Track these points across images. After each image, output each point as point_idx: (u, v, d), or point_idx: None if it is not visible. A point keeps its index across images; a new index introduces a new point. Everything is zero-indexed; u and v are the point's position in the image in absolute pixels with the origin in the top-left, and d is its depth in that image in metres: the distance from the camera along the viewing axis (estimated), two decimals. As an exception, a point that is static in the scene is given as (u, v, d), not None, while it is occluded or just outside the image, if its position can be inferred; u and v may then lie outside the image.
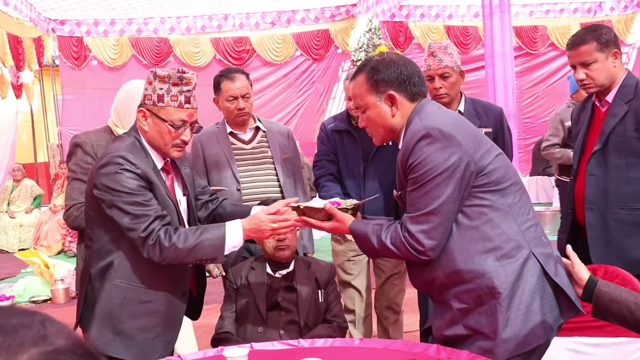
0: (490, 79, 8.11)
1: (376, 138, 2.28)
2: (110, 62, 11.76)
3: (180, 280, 2.47)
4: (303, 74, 12.70)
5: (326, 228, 2.28)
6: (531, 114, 13.41)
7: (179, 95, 2.30)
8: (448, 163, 2.00)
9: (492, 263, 2.04)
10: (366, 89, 2.18)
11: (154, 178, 2.32)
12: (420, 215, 2.02)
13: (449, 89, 3.38)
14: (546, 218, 8.38)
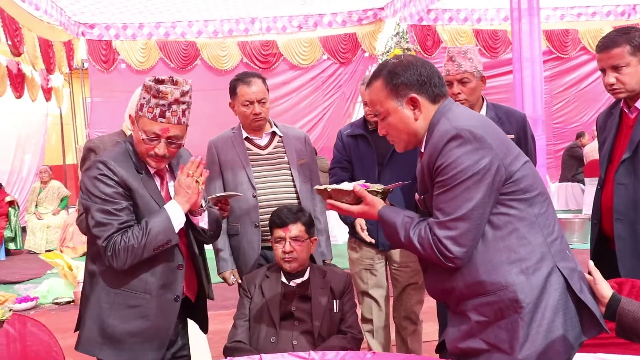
0: (518, 84, 7.95)
1: (399, 145, 2.18)
2: (138, 66, 11.85)
3: (170, 285, 2.44)
4: (330, 77, 12.66)
5: (354, 212, 2.16)
6: (561, 119, 13.19)
7: (154, 108, 2.28)
8: (479, 166, 1.91)
9: (517, 276, 1.95)
10: (385, 94, 2.09)
11: (134, 184, 2.35)
12: (448, 220, 1.93)
13: (468, 94, 3.29)
14: (575, 226, 8.20)
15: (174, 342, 2.59)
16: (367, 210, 2.13)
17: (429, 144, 2.03)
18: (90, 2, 10.05)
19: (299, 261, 2.90)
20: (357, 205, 2.14)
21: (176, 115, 2.30)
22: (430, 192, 2.03)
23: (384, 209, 2.11)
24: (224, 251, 3.40)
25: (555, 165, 12.56)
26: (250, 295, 2.93)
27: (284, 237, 2.89)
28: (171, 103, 2.27)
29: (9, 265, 9.27)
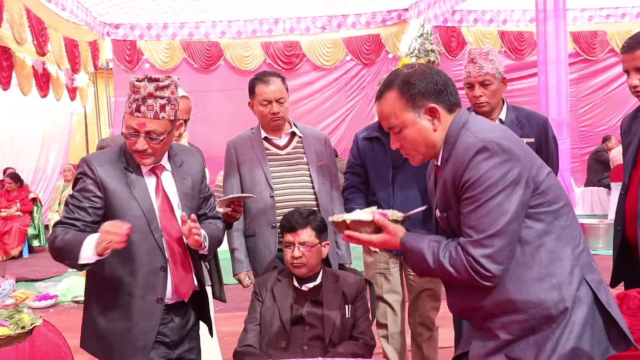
0: (543, 86, 7.82)
1: (415, 158, 2.07)
2: (162, 66, 11.92)
3: (151, 286, 2.42)
4: (353, 78, 12.61)
5: (375, 242, 2.03)
6: (588, 122, 12.98)
7: (132, 103, 2.30)
8: (510, 178, 1.84)
9: (548, 292, 1.89)
10: (401, 105, 1.99)
11: (112, 185, 2.37)
12: (483, 238, 1.84)
13: (490, 97, 3.22)
14: (600, 231, 8.03)
15: (179, 344, 2.56)
16: (389, 239, 2.02)
17: (450, 157, 1.95)
18: (116, 3, 10.14)
19: (308, 267, 2.84)
20: (377, 235, 2.02)
21: (152, 110, 2.28)
22: (455, 209, 1.95)
23: (406, 237, 2.00)
24: (239, 252, 3.36)
25: (581, 169, 12.36)
26: (262, 299, 2.89)
27: (293, 242, 2.84)
28: (145, 97, 2.27)
29: (32, 262, 9.36)
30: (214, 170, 10.55)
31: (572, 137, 10.97)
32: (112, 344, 2.44)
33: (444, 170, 1.98)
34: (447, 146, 1.99)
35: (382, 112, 2.05)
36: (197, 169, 2.62)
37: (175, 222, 2.46)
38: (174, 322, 2.53)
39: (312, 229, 2.87)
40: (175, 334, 2.54)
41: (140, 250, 2.40)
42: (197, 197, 2.60)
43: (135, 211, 2.39)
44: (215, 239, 2.61)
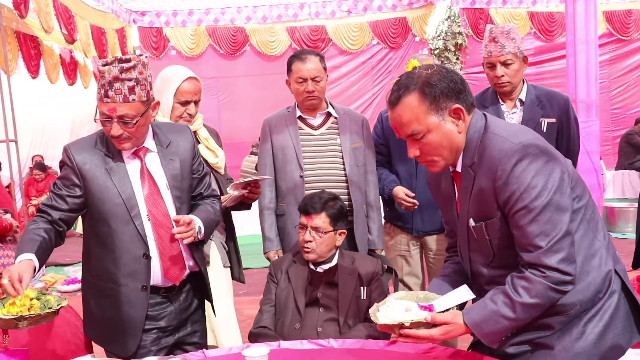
0: (571, 68, 7.66)
1: (437, 165, 1.95)
2: (188, 52, 11.98)
3: (135, 274, 2.40)
4: (379, 62, 12.52)
5: (438, 338, 1.85)
6: (621, 104, 12.69)
7: (100, 89, 2.25)
8: (556, 178, 1.79)
9: (586, 291, 1.87)
10: (424, 110, 1.86)
11: (90, 173, 2.35)
12: (553, 244, 1.77)
13: (512, 77, 3.16)
14: (630, 215, 7.87)
15: (179, 328, 2.54)
16: (451, 329, 1.85)
17: (482, 164, 1.86)
18: (141, -10, 10.19)
19: (317, 253, 2.81)
20: (437, 329, 1.84)
21: (121, 94, 2.21)
22: (497, 219, 1.87)
23: (469, 316, 1.86)
24: (270, 231, 3.36)
25: (612, 152, 12.11)
26: (277, 281, 2.88)
27: (306, 225, 2.82)
28: (111, 81, 2.20)
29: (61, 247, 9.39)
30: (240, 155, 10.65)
31: (604, 119, 10.76)
32: (104, 330, 2.47)
33: (476, 178, 1.89)
34: (468, 152, 1.91)
35: (400, 119, 1.91)
36: (186, 147, 2.52)
37: (162, 205, 2.42)
38: (172, 306, 2.51)
39: (327, 216, 2.84)
40: (173, 319, 2.51)
41: (121, 239, 2.37)
42: (188, 177, 2.52)
43: (115, 198, 2.35)
44: (211, 222, 2.55)
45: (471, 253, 2.01)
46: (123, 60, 2.24)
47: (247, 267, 5.48)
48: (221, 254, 3.23)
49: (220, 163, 3.21)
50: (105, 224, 2.37)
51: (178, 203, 2.47)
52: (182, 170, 2.48)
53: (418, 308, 1.90)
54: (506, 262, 1.91)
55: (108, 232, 2.37)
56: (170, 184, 2.45)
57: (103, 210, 2.36)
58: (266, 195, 3.35)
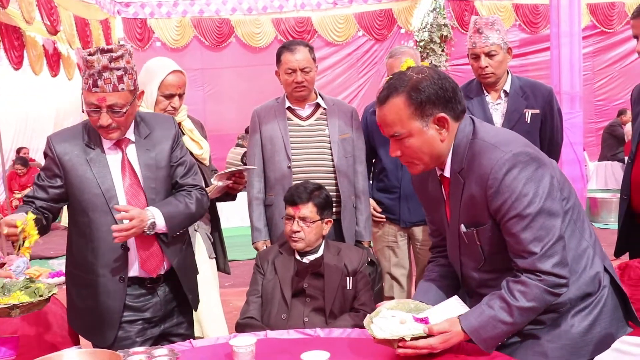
0: (555, 60, 7.69)
1: (416, 168, 1.96)
2: (172, 44, 11.93)
3: (114, 265, 2.40)
4: (365, 54, 12.55)
5: (439, 346, 1.85)
6: (604, 96, 12.81)
7: (88, 79, 2.22)
8: (546, 184, 1.81)
9: (576, 290, 1.91)
10: (408, 114, 1.86)
11: (70, 163, 2.36)
12: (548, 249, 1.79)
13: (495, 68, 3.17)
14: (612, 205, 7.96)
15: (165, 319, 2.54)
16: (449, 337, 1.85)
17: (472, 171, 1.88)
18: (125, -20, 10.10)
19: (306, 242, 2.83)
20: (436, 338, 1.84)
21: (110, 83, 2.21)
22: (489, 225, 1.88)
23: (466, 322, 1.86)
24: (258, 221, 3.37)
25: (596, 143, 12.23)
26: (263, 272, 2.89)
27: (294, 216, 2.83)
28: (100, 71, 2.19)
29: (45, 240, 9.38)
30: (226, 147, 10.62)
31: (588, 111, 10.84)
32: (84, 320, 2.49)
33: (466, 185, 1.90)
34: (457, 157, 1.92)
35: (385, 118, 1.92)
36: (166, 136, 2.49)
37: (142, 197, 2.41)
38: (157, 297, 2.50)
39: (314, 205, 2.85)
40: (159, 310, 2.51)
41: (100, 229, 2.37)
42: (165, 167, 2.47)
43: (94, 189, 2.35)
44: (179, 216, 2.44)
45: (462, 257, 2.02)
46: (107, 50, 2.23)
47: (233, 259, 5.49)
48: (206, 245, 3.24)
49: (205, 154, 3.20)
50: (84, 214, 2.38)
51: (152, 194, 2.44)
52: (157, 161, 2.45)
53: (413, 320, 1.91)
54: (497, 267, 1.93)
55: (87, 222, 2.38)
56: (144, 175, 2.42)
57: (82, 200, 2.37)
58: (255, 185, 3.36)
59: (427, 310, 1.98)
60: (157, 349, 2.11)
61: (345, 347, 2.07)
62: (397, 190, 3.54)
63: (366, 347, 2.02)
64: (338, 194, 3.29)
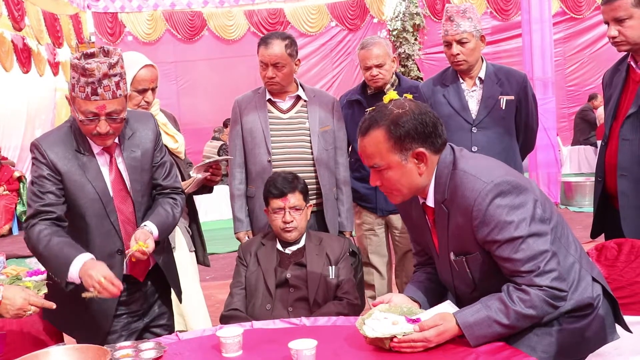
0: (527, 46, 7.80)
1: (396, 198, 2.03)
2: (145, 37, 11.81)
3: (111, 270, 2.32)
4: (338, 44, 12.56)
5: (433, 339, 1.86)
6: (576, 81, 12.95)
7: (85, 87, 2.15)
8: (530, 208, 1.87)
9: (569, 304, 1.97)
10: (387, 147, 1.92)
11: (65, 168, 2.29)
12: (544, 266, 1.85)
13: (467, 55, 3.21)
14: (586, 189, 8.09)
15: (148, 311, 2.55)
16: (443, 330, 1.87)
17: (454, 203, 1.93)
18: (94, -26, 9.97)
19: (299, 230, 2.86)
20: (430, 331, 1.86)
21: (109, 90, 2.17)
22: (478, 253, 1.94)
23: (461, 317, 1.88)
24: (240, 212, 3.36)
25: (569, 128, 12.39)
26: (246, 264, 2.90)
27: (283, 207, 2.84)
28: (101, 79, 2.14)
29: (22, 239, 9.23)
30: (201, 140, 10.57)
31: (559, 96, 10.97)
32: (71, 320, 2.43)
33: (450, 215, 1.95)
34: (439, 187, 1.97)
35: (365, 149, 1.97)
36: (149, 137, 2.46)
37: (129, 201, 2.39)
38: (140, 291, 2.50)
39: (300, 192, 2.89)
40: (143, 302, 2.51)
41: (96, 235, 2.35)
42: (148, 169, 2.46)
43: (91, 195, 2.31)
44: (167, 227, 2.47)
45: (455, 281, 2.07)
46: (106, 52, 2.18)
47: (213, 252, 5.49)
48: (186, 238, 3.24)
49: (180, 148, 3.20)
50: (81, 219, 2.34)
51: (139, 197, 2.43)
52: (142, 162, 2.43)
53: (405, 322, 1.93)
54: (490, 291, 1.95)
55: (84, 227, 2.34)
56: (131, 177, 2.40)
57: (78, 205, 2.32)
58: (236, 176, 3.35)
59: (420, 313, 2.01)
60: (143, 343, 2.12)
61: (331, 334, 2.09)
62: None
63: (352, 334, 2.05)
64: (318, 185, 3.30)
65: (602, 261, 2.50)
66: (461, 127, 3.22)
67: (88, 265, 2.15)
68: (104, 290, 2.09)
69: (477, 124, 3.22)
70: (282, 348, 1.92)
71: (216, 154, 9.58)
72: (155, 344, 2.08)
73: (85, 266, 2.15)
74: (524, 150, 3.42)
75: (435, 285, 2.20)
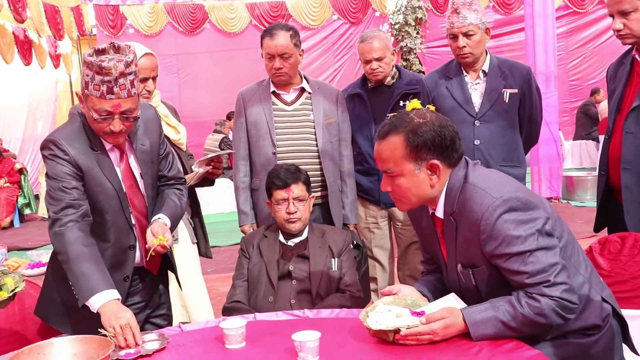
0: (530, 40, 7.78)
1: (404, 205, 2.04)
2: (146, 30, 11.78)
3: (120, 265, 2.38)
4: (340, 38, 12.52)
5: (439, 331, 1.86)
6: (578, 75, 12.92)
7: (100, 85, 2.12)
8: (539, 224, 1.87)
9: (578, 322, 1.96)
10: (403, 154, 1.94)
11: (86, 164, 2.25)
12: (554, 278, 1.84)
13: (473, 47, 3.19)
14: (588, 184, 8.08)
15: (149, 302, 2.55)
16: (450, 322, 1.87)
17: (463, 217, 1.93)
18: (95, -34, 9.94)
19: (303, 221, 2.86)
20: (436, 323, 1.87)
21: (125, 89, 2.14)
22: (485, 267, 1.94)
23: (469, 313, 1.88)
24: (245, 205, 3.36)
25: (571, 122, 12.37)
26: (249, 256, 2.89)
27: (287, 198, 2.84)
28: (117, 78, 2.12)
29: (23, 232, 9.36)
30: (203, 133, 10.56)
31: (562, 91, 10.96)
32: (72, 317, 2.35)
33: (459, 228, 1.96)
34: (450, 199, 1.98)
35: (381, 153, 2.00)
36: (154, 129, 2.46)
37: (140, 195, 2.38)
38: (143, 282, 2.50)
39: (303, 183, 2.89)
40: (146, 294, 2.52)
41: (112, 231, 2.33)
42: (156, 161, 2.46)
43: (110, 192, 2.30)
44: (177, 217, 2.51)
45: (462, 291, 2.07)
46: (119, 49, 2.16)
47: (215, 245, 5.49)
48: (188, 230, 3.24)
49: (182, 139, 3.20)
50: (99, 215, 2.31)
51: (149, 190, 2.43)
52: (151, 155, 2.43)
53: (410, 314, 1.93)
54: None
55: (101, 222, 2.31)
56: (142, 171, 2.39)
57: (99, 202, 2.29)
58: (241, 169, 3.35)
59: (424, 306, 2.00)
60: (146, 334, 2.11)
61: (334, 326, 2.09)
62: (376, 172, 3.57)
63: (356, 326, 2.04)
64: (323, 177, 3.30)
65: (606, 255, 2.49)
66: (464, 120, 3.21)
67: (113, 306, 2.09)
68: (120, 336, 2.02)
69: (480, 117, 3.21)
70: (285, 340, 1.92)
71: (217, 147, 9.57)
72: (158, 335, 2.09)
73: (110, 305, 2.10)
74: (527, 144, 3.41)
75: (442, 287, 2.19)
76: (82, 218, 2.22)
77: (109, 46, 2.19)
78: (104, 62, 2.10)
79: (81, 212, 2.22)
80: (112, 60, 2.11)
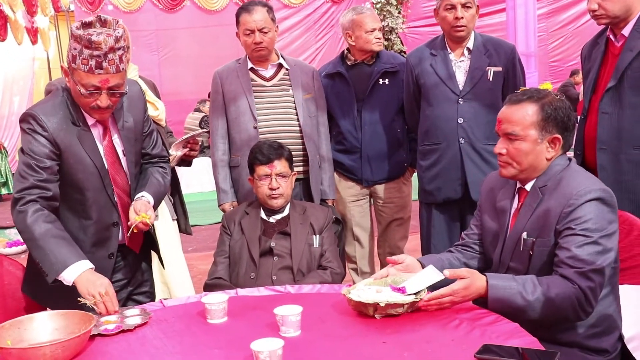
0: (511, 21, 7.78)
1: (510, 171, 2.11)
2: (125, 7, 11.59)
3: (104, 242, 2.37)
4: (322, 16, 12.42)
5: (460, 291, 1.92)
6: (559, 57, 12.96)
7: (89, 59, 2.08)
8: (614, 226, 1.97)
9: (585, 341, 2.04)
10: (533, 121, 2.05)
11: (66, 140, 2.22)
12: (589, 271, 1.90)
13: (469, 21, 3.19)
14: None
15: (131, 280, 2.54)
16: (470, 282, 1.93)
17: (556, 192, 2.02)
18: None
19: (285, 197, 2.86)
20: (457, 284, 1.93)
21: (114, 64, 2.11)
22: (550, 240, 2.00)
23: (492, 278, 1.94)
24: (224, 183, 3.35)
25: (551, 104, 12.43)
26: (230, 232, 2.89)
27: (270, 174, 2.84)
28: (107, 52, 2.07)
29: (1, 210, 9.26)
30: (183, 112, 10.47)
31: (542, 72, 11.01)
32: (59, 295, 2.24)
33: (544, 199, 2.05)
34: (545, 177, 2.08)
35: (511, 116, 2.08)
36: (139, 106, 2.44)
37: (122, 173, 2.37)
38: (126, 259, 2.50)
39: (286, 160, 2.90)
40: (129, 272, 2.52)
41: (93, 208, 2.32)
42: (140, 139, 2.45)
43: (90, 168, 2.27)
44: (160, 195, 2.51)
45: (511, 261, 2.12)
46: (106, 23, 2.12)
47: (195, 224, 5.47)
48: (168, 207, 3.23)
49: (161, 115, 3.18)
50: (79, 192, 2.29)
51: (132, 167, 2.41)
52: (135, 132, 2.41)
53: (390, 290, 1.98)
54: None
55: (81, 200, 2.30)
56: (126, 149, 2.37)
57: (78, 179, 2.27)
58: (219, 147, 3.34)
59: (404, 281, 2.03)
60: (128, 309, 2.11)
61: (316, 301, 2.10)
62: (358, 150, 3.57)
63: (338, 302, 2.06)
64: (305, 152, 3.30)
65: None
66: (447, 98, 3.21)
67: (89, 275, 2.10)
68: (100, 304, 2.03)
69: (464, 95, 3.21)
70: (267, 314, 1.93)
71: (198, 125, 9.50)
72: (140, 311, 2.09)
73: (85, 274, 2.10)
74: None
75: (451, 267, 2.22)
76: (45, 200, 2.19)
77: (95, 19, 2.15)
78: (93, 36, 2.06)
79: (45, 194, 2.19)
80: (102, 34, 2.07)
